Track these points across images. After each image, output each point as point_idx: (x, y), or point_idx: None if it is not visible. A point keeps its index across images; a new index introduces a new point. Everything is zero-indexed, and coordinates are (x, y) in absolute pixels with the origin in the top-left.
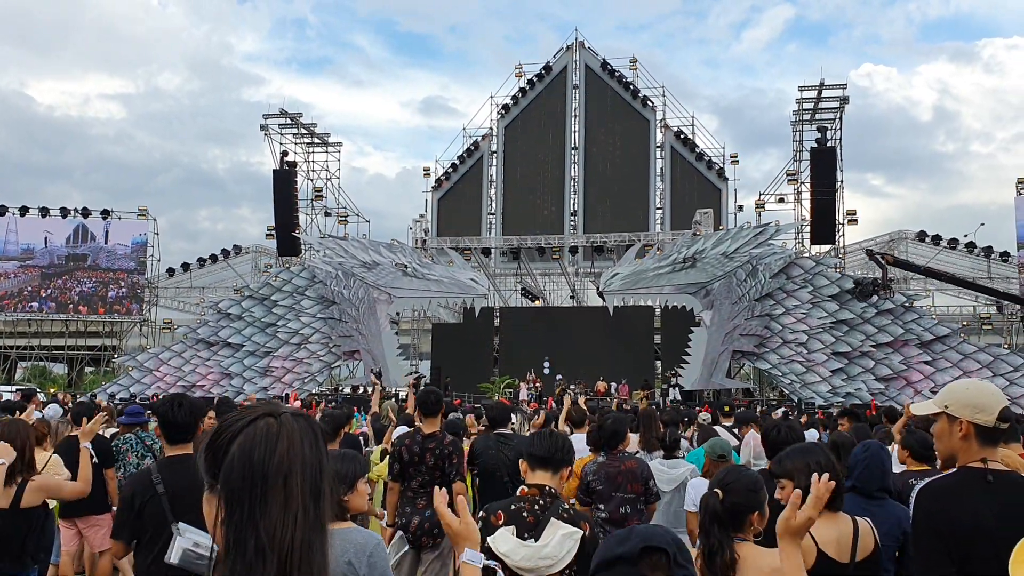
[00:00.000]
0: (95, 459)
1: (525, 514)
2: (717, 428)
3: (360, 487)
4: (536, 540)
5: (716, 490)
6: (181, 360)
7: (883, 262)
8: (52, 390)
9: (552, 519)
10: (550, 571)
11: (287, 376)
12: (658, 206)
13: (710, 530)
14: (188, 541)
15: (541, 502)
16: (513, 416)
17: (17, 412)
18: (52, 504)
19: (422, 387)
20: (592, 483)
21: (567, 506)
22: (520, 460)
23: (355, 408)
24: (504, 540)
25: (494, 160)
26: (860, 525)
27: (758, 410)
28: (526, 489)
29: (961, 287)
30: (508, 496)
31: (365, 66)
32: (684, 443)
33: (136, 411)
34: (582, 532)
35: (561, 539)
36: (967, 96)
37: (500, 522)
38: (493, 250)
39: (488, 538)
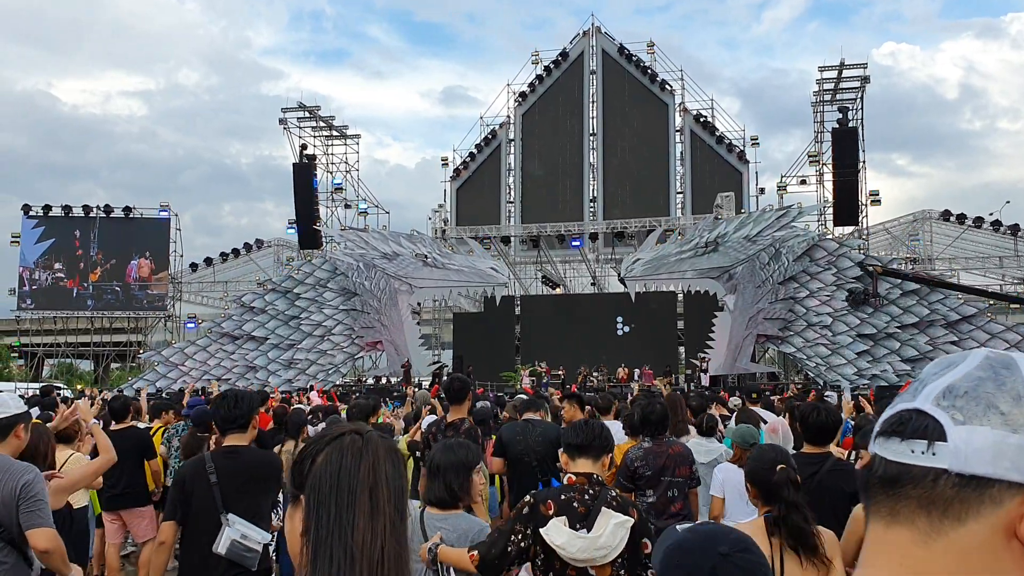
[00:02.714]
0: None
1: (576, 504)
2: (756, 409)
3: (474, 477)
4: (588, 530)
5: (782, 465)
6: (206, 354)
7: (873, 272)
8: (79, 387)
9: (603, 508)
10: (604, 560)
11: (311, 368)
12: (678, 190)
13: (794, 501)
14: (236, 532)
15: (591, 491)
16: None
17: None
18: (82, 503)
19: (444, 377)
20: (639, 468)
21: (615, 493)
22: (560, 452)
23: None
24: (558, 532)
25: (512, 148)
26: None
27: (784, 394)
28: (573, 478)
29: (952, 290)
30: (535, 480)
31: (383, 57)
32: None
33: (196, 403)
34: (633, 520)
35: (614, 528)
36: (994, 72)
37: (551, 512)
38: (513, 238)
39: (541, 529)
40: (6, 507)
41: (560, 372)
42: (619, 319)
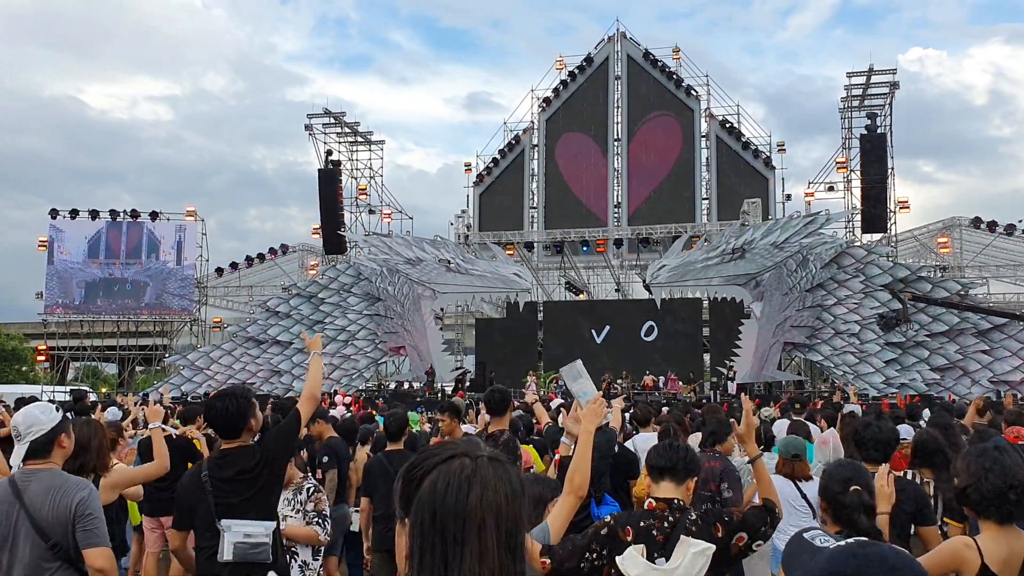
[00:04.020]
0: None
1: (655, 532)
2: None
3: (548, 507)
4: (667, 560)
5: (857, 487)
6: (231, 358)
7: (903, 299)
8: (104, 390)
9: (681, 536)
10: None
11: (335, 373)
12: (704, 196)
13: (867, 530)
14: (237, 535)
15: (671, 518)
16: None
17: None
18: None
19: (467, 383)
20: None
21: (694, 516)
22: (642, 475)
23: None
24: (634, 563)
25: (535, 154)
26: None
27: (812, 404)
28: (654, 503)
29: (984, 313)
30: (589, 497)
31: (407, 63)
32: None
33: None
34: (714, 548)
35: (693, 558)
36: (1023, 79)
37: (629, 538)
38: (536, 244)
39: (617, 558)
40: (61, 525)
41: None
42: (649, 323)
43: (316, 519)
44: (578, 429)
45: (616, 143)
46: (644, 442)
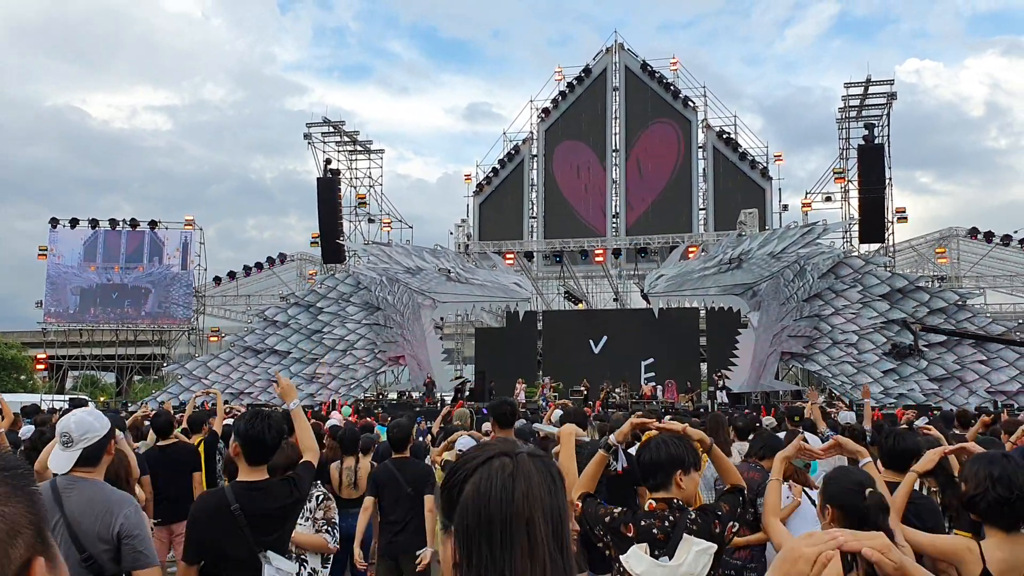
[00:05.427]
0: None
1: (655, 531)
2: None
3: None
4: (670, 558)
5: (871, 488)
6: (229, 368)
7: (914, 330)
8: (102, 398)
9: (684, 536)
10: None
11: (333, 383)
12: (701, 207)
13: (887, 530)
14: (273, 569)
15: (671, 518)
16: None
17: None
18: None
19: (466, 392)
20: None
21: (694, 516)
22: (639, 489)
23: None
24: (638, 560)
25: (535, 164)
26: None
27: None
28: (654, 503)
29: (989, 341)
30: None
31: (406, 72)
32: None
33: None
34: (715, 547)
35: (696, 556)
36: (1019, 90)
37: (630, 534)
38: (535, 254)
39: (621, 556)
40: (99, 539)
41: (583, 388)
42: (647, 334)
43: (325, 527)
44: None
45: (614, 154)
46: None
